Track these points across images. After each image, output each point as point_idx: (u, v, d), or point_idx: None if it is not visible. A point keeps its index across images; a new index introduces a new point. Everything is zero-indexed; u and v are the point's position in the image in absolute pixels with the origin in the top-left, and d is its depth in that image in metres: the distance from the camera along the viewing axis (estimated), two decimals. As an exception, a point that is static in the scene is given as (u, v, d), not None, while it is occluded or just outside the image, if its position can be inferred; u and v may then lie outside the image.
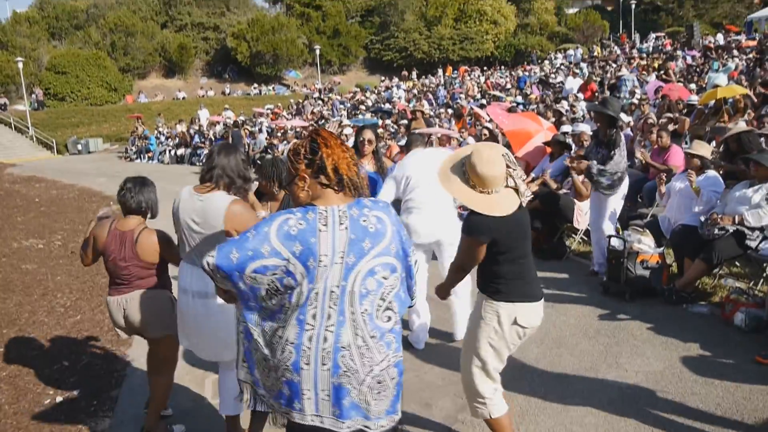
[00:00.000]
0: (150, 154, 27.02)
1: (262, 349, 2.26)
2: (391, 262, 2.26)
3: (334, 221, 2.16)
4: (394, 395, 2.34)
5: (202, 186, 3.26)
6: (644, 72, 19.23)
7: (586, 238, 7.38)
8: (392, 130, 15.84)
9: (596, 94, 16.27)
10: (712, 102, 10.50)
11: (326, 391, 2.19)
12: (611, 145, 5.91)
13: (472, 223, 2.93)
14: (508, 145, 9.10)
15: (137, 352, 4.99)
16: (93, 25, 45.66)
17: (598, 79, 20.55)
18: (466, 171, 2.89)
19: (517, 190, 2.90)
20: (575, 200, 7.29)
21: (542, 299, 3.11)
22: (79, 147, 31.70)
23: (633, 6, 45.43)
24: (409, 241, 2.38)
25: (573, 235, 7.66)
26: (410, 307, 2.41)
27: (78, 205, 14.19)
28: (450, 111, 17.65)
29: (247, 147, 19.46)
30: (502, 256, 2.96)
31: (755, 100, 10.46)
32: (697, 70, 18.44)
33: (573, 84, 19.00)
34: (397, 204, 4.67)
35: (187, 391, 4.37)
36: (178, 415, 4.02)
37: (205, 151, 23.44)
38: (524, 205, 2.96)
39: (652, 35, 34.75)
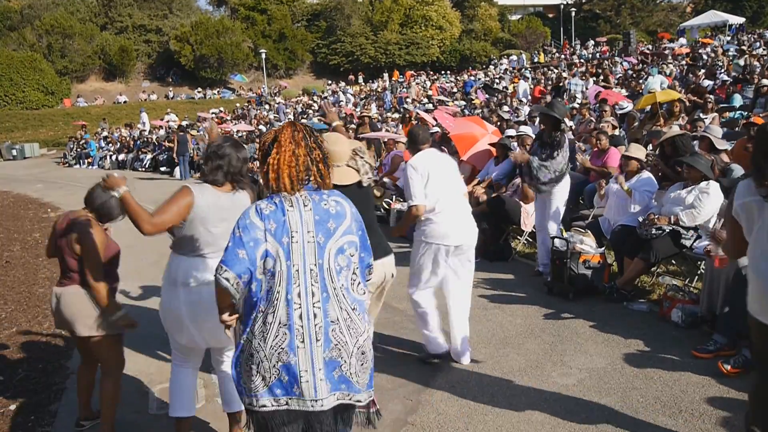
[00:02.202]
0: (90, 160, 26.19)
1: (253, 340, 2.31)
2: (353, 240, 2.44)
3: (299, 203, 2.35)
4: (371, 369, 2.48)
5: (224, 186, 3.28)
6: (584, 78, 19.79)
7: (531, 240, 7.54)
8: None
9: (543, 97, 16.67)
10: (649, 107, 10.89)
11: (322, 369, 2.31)
12: (555, 146, 6.06)
13: None
14: (454, 149, 9.22)
15: (77, 364, 4.79)
16: (28, 26, 43.76)
17: (542, 83, 21.04)
18: None
19: (358, 171, 3.61)
20: (521, 202, 7.43)
21: (382, 258, 3.63)
22: (14, 152, 30.49)
23: (573, 13, 46.76)
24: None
25: (518, 237, 7.81)
26: (367, 280, 2.55)
27: (13, 212, 13.63)
28: (397, 115, 17.74)
29: (192, 152, 19.11)
30: None
31: (688, 105, 10.90)
32: (634, 75, 19.08)
33: (524, 87, 19.45)
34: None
35: (131, 403, 4.24)
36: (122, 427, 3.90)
37: (149, 156, 22.89)
38: (364, 183, 3.67)
39: (591, 42, 35.86)
